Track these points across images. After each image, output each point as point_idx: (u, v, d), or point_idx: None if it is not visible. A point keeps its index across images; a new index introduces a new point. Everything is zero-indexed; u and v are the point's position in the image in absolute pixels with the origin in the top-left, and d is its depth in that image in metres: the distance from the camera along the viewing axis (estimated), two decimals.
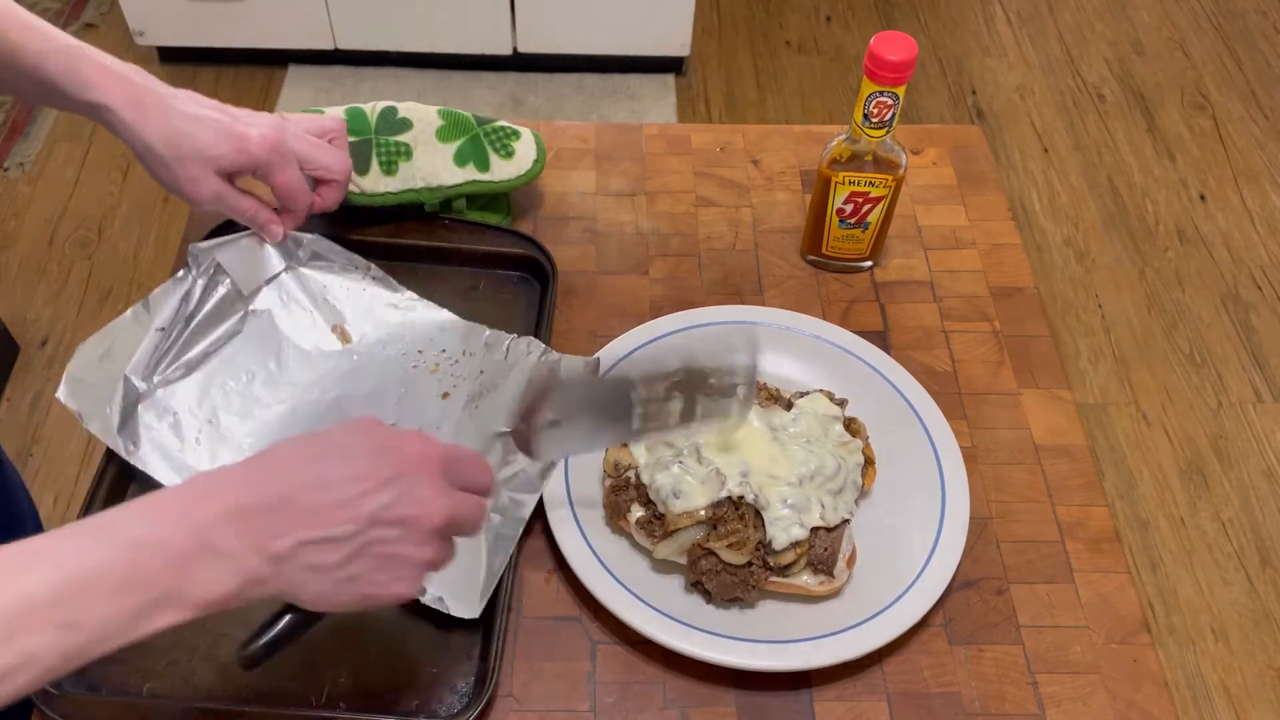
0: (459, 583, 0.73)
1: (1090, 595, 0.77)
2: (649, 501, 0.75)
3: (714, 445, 0.75)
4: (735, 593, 0.73)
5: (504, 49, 2.41)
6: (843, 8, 2.73)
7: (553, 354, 0.85)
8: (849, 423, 0.79)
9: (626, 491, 0.76)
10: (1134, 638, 0.75)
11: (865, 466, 0.78)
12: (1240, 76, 2.56)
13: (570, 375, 0.83)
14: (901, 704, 0.72)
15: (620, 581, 0.73)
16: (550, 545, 0.77)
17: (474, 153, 0.93)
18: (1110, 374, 1.99)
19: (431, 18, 2.32)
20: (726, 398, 0.71)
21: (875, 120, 0.85)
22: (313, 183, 0.86)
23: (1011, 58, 2.61)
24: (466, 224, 0.95)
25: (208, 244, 0.87)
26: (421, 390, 0.85)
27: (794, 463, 0.74)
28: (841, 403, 0.81)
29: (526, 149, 0.95)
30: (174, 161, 0.78)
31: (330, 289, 0.89)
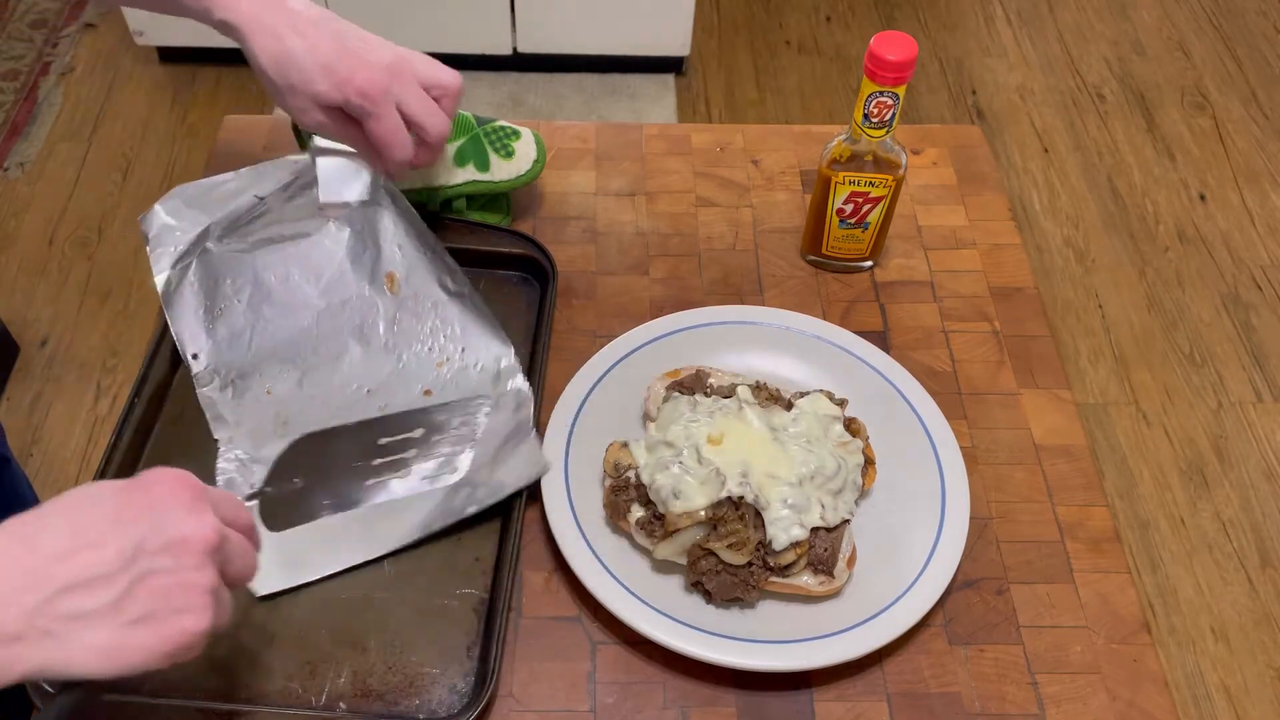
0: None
1: (1090, 595, 0.77)
2: (649, 502, 0.75)
3: (714, 445, 0.75)
4: (735, 593, 0.73)
5: (504, 49, 2.41)
6: (843, 8, 2.73)
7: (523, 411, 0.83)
8: (849, 423, 0.79)
9: (626, 492, 0.76)
10: (1134, 638, 0.75)
11: (865, 467, 0.78)
12: (1240, 77, 2.56)
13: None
14: (901, 704, 0.72)
15: (620, 581, 0.73)
16: (550, 545, 0.77)
17: (474, 152, 0.93)
18: (1110, 374, 1.99)
19: (431, 18, 2.32)
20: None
21: (875, 120, 0.85)
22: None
23: (1011, 58, 2.61)
24: (466, 224, 0.95)
25: (324, 144, 0.87)
26: (412, 376, 0.85)
27: (794, 463, 0.74)
28: (841, 403, 0.81)
29: (526, 149, 0.95)
30: (282, 89, 0.79)
31: (404, 245, 0.88)
